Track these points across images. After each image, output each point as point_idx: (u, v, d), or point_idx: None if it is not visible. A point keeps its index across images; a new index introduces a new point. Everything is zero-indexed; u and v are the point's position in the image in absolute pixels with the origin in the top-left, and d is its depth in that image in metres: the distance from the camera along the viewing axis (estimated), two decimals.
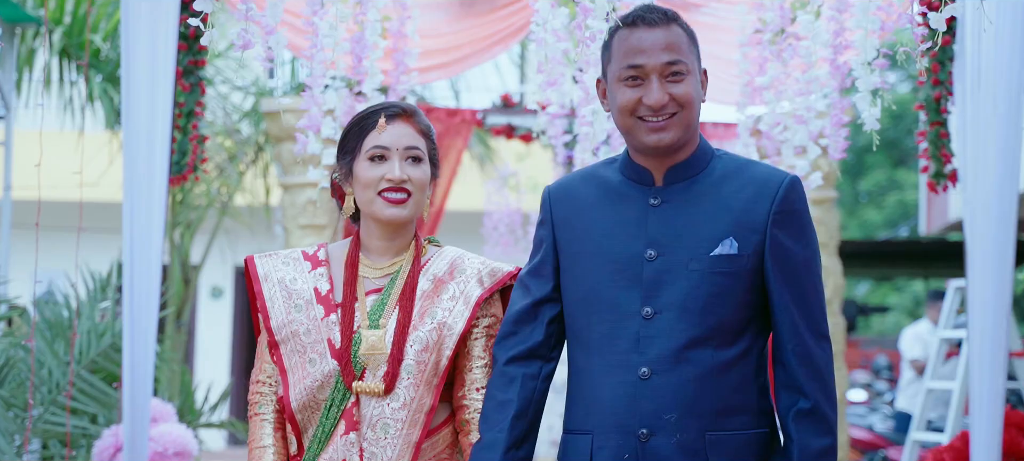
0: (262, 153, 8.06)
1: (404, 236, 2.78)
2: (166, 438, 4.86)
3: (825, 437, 2.50)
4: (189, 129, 4.84)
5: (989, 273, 4.15)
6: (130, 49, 4.28)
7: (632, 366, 2.49)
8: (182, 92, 4.82)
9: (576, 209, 2.62)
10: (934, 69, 4.44)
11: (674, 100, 2.51)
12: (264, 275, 2.79)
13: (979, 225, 4.16)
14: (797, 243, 2.51)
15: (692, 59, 2.54)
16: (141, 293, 4.33)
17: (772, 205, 2.50)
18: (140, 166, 4.37)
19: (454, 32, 4.81)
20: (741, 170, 2.56)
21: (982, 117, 4.07)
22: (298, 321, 2.73)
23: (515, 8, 4.68)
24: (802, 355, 2.51)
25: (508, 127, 7.25)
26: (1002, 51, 3.93)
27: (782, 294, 2.50)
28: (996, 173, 4.08)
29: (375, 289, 2.76)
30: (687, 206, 2.54)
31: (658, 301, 2.49)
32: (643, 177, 2.57)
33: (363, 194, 2.74)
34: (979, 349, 4.19)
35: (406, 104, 2.82)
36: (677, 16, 2.58)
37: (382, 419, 2.68)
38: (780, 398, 2.54)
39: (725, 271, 2.49)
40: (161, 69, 4.36)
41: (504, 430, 2.58)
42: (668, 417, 2.47)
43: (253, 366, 2.85)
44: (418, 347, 2.69)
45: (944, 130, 4.66)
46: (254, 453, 2.76)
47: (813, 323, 2.52)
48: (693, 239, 2.51)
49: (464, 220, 10.52)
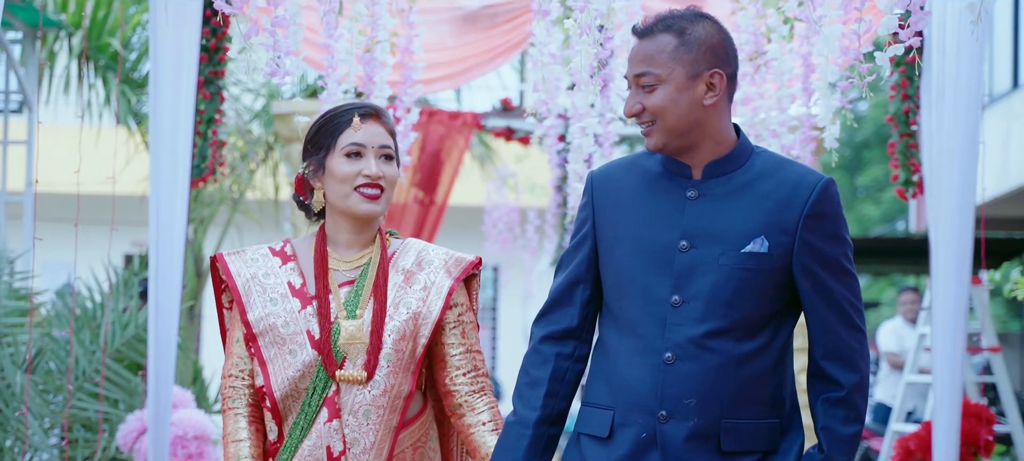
0: (272, 152, 8.39)
1: (371, 230, 2.85)
2: (186, 423, 5.12)
3: (854, 424, 2.57)
4: (209, 134, 5.15)
5: (950, 275, 4.44)
6: (157, 62, 4.59)
7: (657, 350, 2.55)
8: (203, 100, 5.13)
9: (617, 197, 2.67)
10: (903, 84, 4.74)
11: (647, 110, 2.58)
12: (236, 272, 2.83)
13: (942, 230, 4.45)
14: (828, 243, 2.55)
15: (673, 67, 2.56)
16: (165, 287, 4.65)
17: (804, 208, 2.54)
18: (165, 168, 4.69)
19: (457, 46, 5.09)
20: (778, 169, 2.60)
21: (944, 130, 4.38)
22: (275, 314, 2.78)
23: (515, 23, 4.97)
24: (834, 349, 2.57)
25: (507, 129, 7.51)
26: (962, 69, 4.23)
27: (812, 292, 2.55)
28: (957, 182, 4.37)
29: (347, 281, 2.82)
30: (722, 201, 2.58)
31: (687, 291, 2.55)
32: (682, 170, 2.62)
33: (339, 189, 2.79)
34: (941, 344, 4.50)
35: (374, 105, 2.89)
36: (673, 24, 2.59)
37: (363, 405, 2.75)
38: (812, 385, 2.61)
39: (754, 268, 2.54)
40: (184, 79, 4.68)
41: (536, 408, 2.65)
42: (688, 402, 2.54)
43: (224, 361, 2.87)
44: (396, 336, 2.76)
45: (912, 141, 4.98)
46: (230, 448, 2.80)
47: (845, 317, 2.56)
48: (725, 234, 2.56)
49: (466, 214, 10.81)
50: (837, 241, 2.56)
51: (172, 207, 4.69)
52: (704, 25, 2.59)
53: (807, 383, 2.62)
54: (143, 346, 5.63)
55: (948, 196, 4.39)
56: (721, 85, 2.58)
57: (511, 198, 9.46)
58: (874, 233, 21.09)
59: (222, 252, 2.88)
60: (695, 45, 2.56)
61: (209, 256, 8.24)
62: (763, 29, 4.04)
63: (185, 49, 4.63)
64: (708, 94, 2.57)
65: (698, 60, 2.56)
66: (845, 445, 2.56)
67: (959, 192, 4.38)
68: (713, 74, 2.57)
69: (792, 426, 2.61)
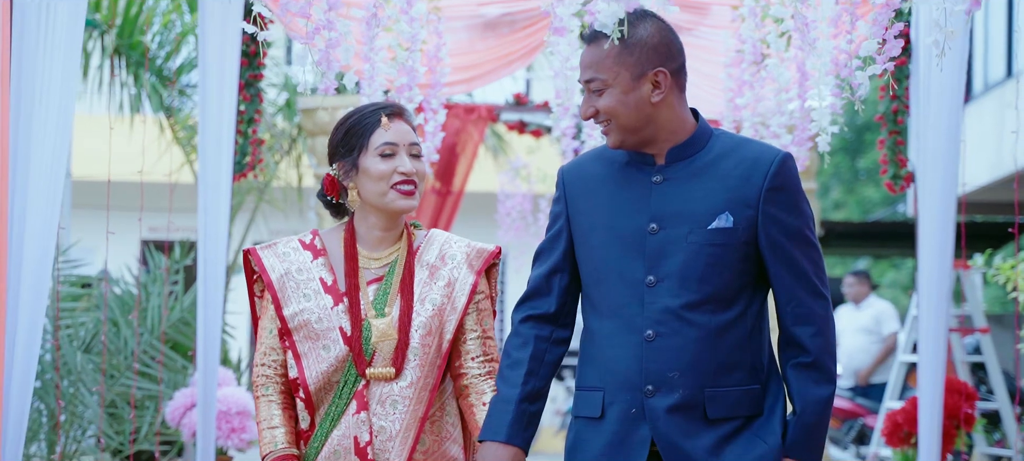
0: (295, 144, 8.78)
1: (400, 225, 2.90)
2: (230, 399, 5.50)
3: (825, 385, 2.66)
4: (249, 133, 5.52)
5: (934, 261, 4.85)
6: (206, 69, 4.99)
7: (639, 329, 2.66)
8: (243, 101, 5.50)
9: (587, 188, 2.77)
10: (892, 85, 5.12)
11: (600, 112, 2.69)
12: (271, 267, 2.86)
13: (926, 220, 4.86)
14: (789, 214, 2.64)
15: (618, 71, 2.66)
16: (212, 273, 5.05)
17: (764, 181, 2.63)
18: (210, 165, 5.08)
19: (478, 51, 5.46)
20: (737, 148, 2.69)
21: (930, 128, 4.77)
22: (310, 310, 2.82)
23: (531, 30, 5.33)
24: (800, 315, 2.66)
25: (520, 123, 7.84)
26: (946, 73, 4.61)
27: (776, 262, 2.65)
28: (941, 175, 4.77)
29: (376, 278, 2.86)
30: (686, 183, 2.68)
31: (660, 270, 2.65)
32: (646, 157, 2.72)
33: (376, 187, 2.82)
34: (926, 324, 4.90)
35: (398, 104, 2.94)
36: (615, 30, 2.67)
37: (391, 397, 2.81)
38: (782, 353, 2.70)
39: (721, 243, 2.63)
40: (227, 84, 5.07)
41: (517, 386, 2.75)
42: (671, 375, 2.63)
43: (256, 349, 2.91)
44: (422, 332, 2.82)
45: (900, 138, 5.38)
46: (265, 434, 2.84)
47: (809, 284, 2.66)
48: (692, 213, 2.65)
49: (481, 200, 11.19)
50: (797, 213, 2.66)
51: (217, 200, 5.09)
52: (645, 26, 2.68)
53: (778, 351, 2.72)
54: (187, 329, 6.01)
55: (933, 190, 4.79)
56: (666, 82, 2.66)
57: (523, 187, 9.86)
58: (875, 216, 21.30)
59: (255, 246, 2.92)
60: (637, 47, 2.65)
61: (238, 242, 8.67)
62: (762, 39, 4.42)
63: (228, 59, 5.01)
64: (655, 92, 2.65)
65: (641, 61, 2.65)
66: (817, 406, 2.66)
67: (943, 185, 4.77)
68: (657, 73, 2.66)
69: (773, 389, 2.71)
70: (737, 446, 2.65)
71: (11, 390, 3.31)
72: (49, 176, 3.64)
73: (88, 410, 5.59)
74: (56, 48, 3.67)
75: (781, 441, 2.66)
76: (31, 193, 3.59)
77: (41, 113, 3.61)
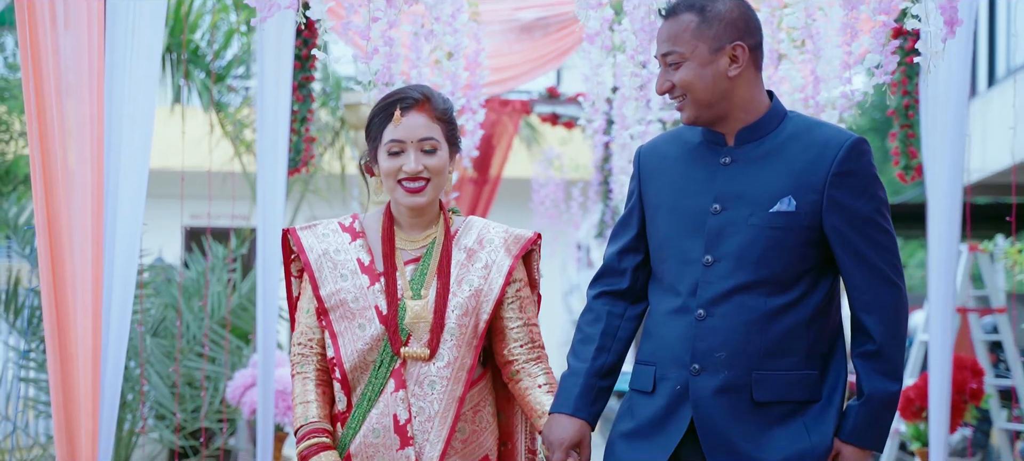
0: (338, 136, 9.18)
1: (430, 212, 2.89)
2: (285, 380, 5.80)
3: (890, 381, 2.62)
4: (302, 132, 5.88)
5: (943, 246, 5.14)
6: (264, 72, 5.32)
7: (691, 308, 2.66)
8: (296, 101, 5.86)
9: (660, 167, 2.78)
10: (903, 82, 5.43)
11: (676, 86, 2.69)
12: (309, 247, 2.87)
13: (935, 209, 5.15)
14: (858, 200, 2.60)
15: (696, 44, 2.65)
16: (270, 261, 5.39)
17: (831, 166, 2.60)
18: (267, 163, 5.42)
19: (514, 52, 5.81)
20: (808, 131, 2.66)
21: (938, 121, 5.06)
22: (346, 290, 2.83)
23: (564, 33, 5.68)
24: (865, 302, 2.62)
25: (553, 115, 8.20)
26: (953, 70, 4.91)
27: (841, 248, 2.62)
28: (948, 167, 5.06)
29: (413, 259, 2.87)
30: (753, 165, 2.66)
31: (718, 250, 2.64)
32: (717, 139, 2.72)
33: (385, 182, 2.84)
34: (935, 303, 5.20)
35: (422, 91, 2.87)
36: (695, 3, 2.67)
37: (429, 377, 2.81)
38: (853, 339, 2.67)
39: (782, 226, 2.61)
40: (282, 85, 5.40)
41: (587, 360, 2.78)
42: (718, 355, 2.62)
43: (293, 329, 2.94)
44: (459, 313, 2.82)
45: (912, 132, 5.69)
46: (298, 408, 2.86)
47: (875, 271, 2.62)
48: (755, 195, 2.64)
49: (516, 187, 11.57)
50: (867, 197, 2.61)
51: (274, 194, 5.42)
52: (725, 1, 2.67)
53: (851, 338, 2.69)
54: (244, 314, 6.39)
55: (941, 177, 5.07)
56: (744, 57, 2.65)
57: (557, 176, 10.23)
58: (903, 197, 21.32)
59: (294, 226, 2.92)
60: (716, 21, 2.65)
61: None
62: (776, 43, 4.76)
63: (282, 65, 5.34)
64: (732, 66, 2.65)
65: (720, 35, 2.65)
66: (881, 399, 2.61)
67: (949, 175, 5.06)
68: (735, 47, 2.65)
69: (833, 376, 2.66)
70: (781, 436, 2.62)
71: (107, 370, 3.67)
72: (136, 169, 3.79)
73: (154, 391, 5.97)
74: (140, 46, 3.78)
75: (832, 436, 2.64)
76: (122, 186, 3.75)
77: (129, 110, 3.76)
